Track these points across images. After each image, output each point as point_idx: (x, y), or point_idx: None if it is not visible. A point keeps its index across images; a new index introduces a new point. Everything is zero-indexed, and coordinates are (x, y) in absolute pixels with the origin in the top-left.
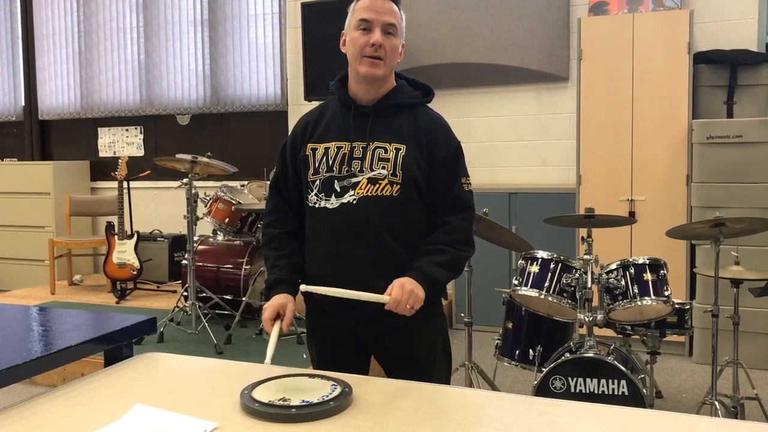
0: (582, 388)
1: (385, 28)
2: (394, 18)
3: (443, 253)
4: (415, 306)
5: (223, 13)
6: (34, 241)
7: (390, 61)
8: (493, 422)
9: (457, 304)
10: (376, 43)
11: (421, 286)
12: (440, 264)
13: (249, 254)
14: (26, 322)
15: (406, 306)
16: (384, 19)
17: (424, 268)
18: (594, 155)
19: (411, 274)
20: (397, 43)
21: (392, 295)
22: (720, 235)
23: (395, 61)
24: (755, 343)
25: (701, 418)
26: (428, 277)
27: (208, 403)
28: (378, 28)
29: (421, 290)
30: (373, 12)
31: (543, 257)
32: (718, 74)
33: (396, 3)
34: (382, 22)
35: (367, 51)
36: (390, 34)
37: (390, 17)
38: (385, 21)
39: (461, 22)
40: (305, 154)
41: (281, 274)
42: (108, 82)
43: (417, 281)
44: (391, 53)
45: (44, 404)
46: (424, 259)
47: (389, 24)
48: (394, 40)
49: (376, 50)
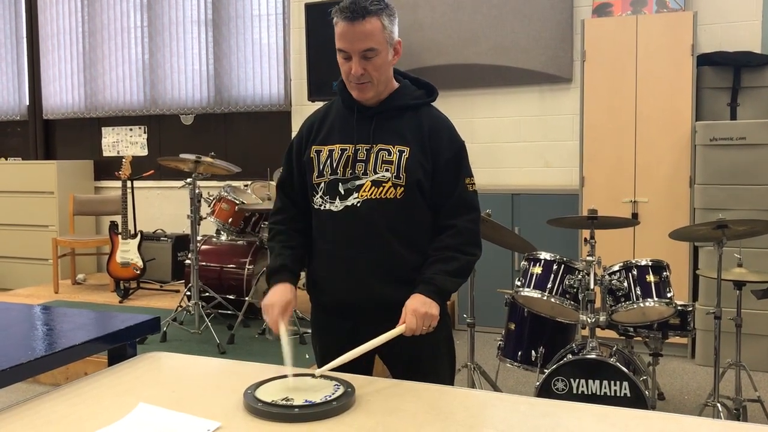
0: (584, 390)
1: (362, 54)
2: (371, 40)
3: (452, 260)
4: (432, 324)
5: (227, 14)
6: (37, 240)
7: (379, 78)
8: (495, 423)
9: (459, 305)
10: (355, 74)
11: (434, 300)
12: (450, 273)
13: (252, 254)
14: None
15: (423, 329)
16: (358, 47)
17: (435, 280)
18: (597, 157)
19: (422, 289)
20: (381, 61)
21: (407, 324)
22: (723, 237)
23: (387, 72)
24: (758, 345)
25: (703, 419)
26: (440, 290)
27: (211, 402)
28: (355, 56)
29: (434, 307)
30: (347, 41)
31: (546, 258)
32: (722, 76)
33: (376, 12)
34: (357, 51)
35: (351, 78)
36: (370, 58)
37: (365, 42)
38: (360, 49)
39: (465, 23)
40: (309, 157)
41: (285, 261)
42: (112, 82)
43: (429, 295)
44: (378, 72)
45: (48, 403)
46: (434, 268)
47: (366, 50)
48: (378, 59)
49: (359, 79)
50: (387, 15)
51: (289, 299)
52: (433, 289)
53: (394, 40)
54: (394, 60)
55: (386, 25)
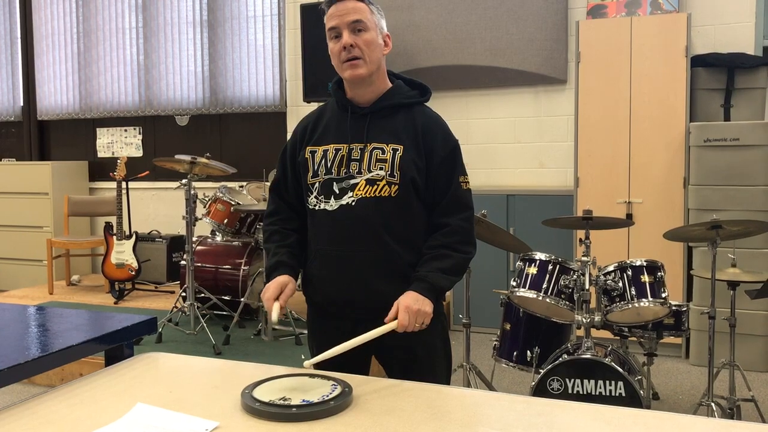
0: (579, 390)
1: (352, 27)
2: (359, 14)
3: (446, 258)
4: (425, 322)
5: (223, 15)
6: (32, 241)
7: (370, 55)
8: (492, 422)
9: (455, 306)
10: (346, 45)
11: (427, 297)
12: (444, 270)
13: (247, 255)
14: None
15: (415, 326)
16: (347, 19)
17: (429, 277)
18: (592, 157)
19: (416, 286)
20: (371, 37)
21: (399, 321)
22: (717, 237)
23: (377, 54)
24: (751, 345)
25: (698, 418)
26: (434, 287)
27: (209, 402)
28: (345, 29)
29: (427, 304)
30: (336, 18)
31: (541, 259)
32: (716, 77)
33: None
34: (346, 23)
35: (343, 56)
36: (360, 31)
37: (353, 15)
38: (349, 20)
39: (460, 24)
40: (304, 157)
41: (282, 258)
42: (107, 83)
43: (422, 293)
44: (368, 48)
45: (46, 403)
46: (428, 266)
47: (355, 21)
48: (367, 35)
49: (350, 51)
50: (374, 6)
51: (285, 281)
52: (427, 286)
53: (383, 30)
54: (385, 50)
55: (373, 11)
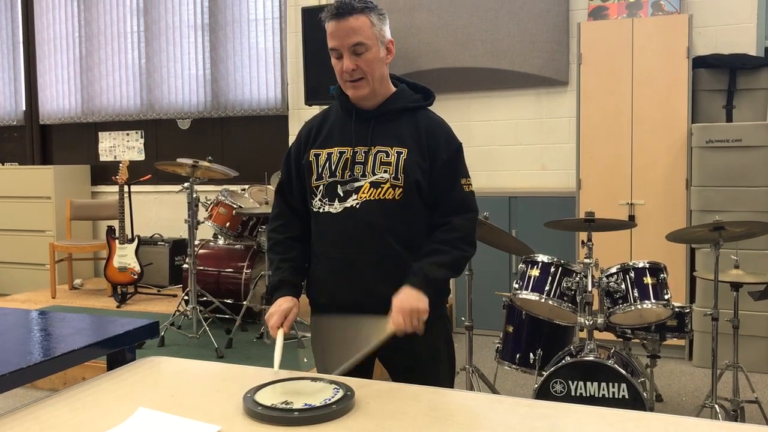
0: (582, 392)
1: (352, 50)
2: (359, 35)
3: (443, 253)
4: (422, 318)
5: (224, 18)
6: (34, 245)
7: (372, 74)
8: (495, 425)
9: (457, 308)
10: (347, 70)
11: (422, 291)
12: (440, 264)
13: (250, 258)
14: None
15: (412, 324)
16: (348, 42)
17: (424, 269)
18: (594, 159)
19: (410, 280)
20: (372, 56)
21: (393, 323)
22: (720, 238)
23: (380, 69)
24: (755, 347)
25: (701, 420)
26: (428, 279)
27: (211, 406)
28: (346, 52)
29: (421, 300)
30: (337, 39)
31: (543, 261)
32: (718, 78)
33: (362, 10)
34: (347, 46)
35: (345, 77)
36: (360, 53)
37: (354, 37)
38: (349, 44)
39: (462, 27)
40: (308, 160)
41: (284, 276)
42: (109, 87)
43: (417, 287)
44: (370, 68)
45: (48, 408)
46: (424, 260)
47: (355, 44)
48: (368, 54)
49: (352, 75)
50: (375, 14)
51: (289, 306)
52: (421, 278)
53: (386, 38)
54: (387, 59)
55: (375, 22)
